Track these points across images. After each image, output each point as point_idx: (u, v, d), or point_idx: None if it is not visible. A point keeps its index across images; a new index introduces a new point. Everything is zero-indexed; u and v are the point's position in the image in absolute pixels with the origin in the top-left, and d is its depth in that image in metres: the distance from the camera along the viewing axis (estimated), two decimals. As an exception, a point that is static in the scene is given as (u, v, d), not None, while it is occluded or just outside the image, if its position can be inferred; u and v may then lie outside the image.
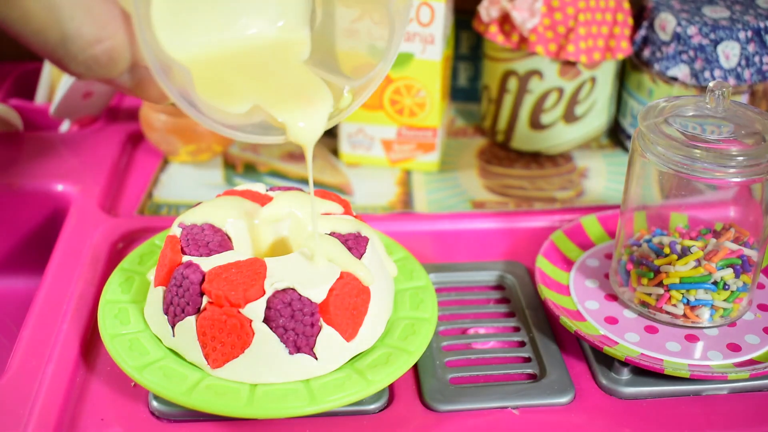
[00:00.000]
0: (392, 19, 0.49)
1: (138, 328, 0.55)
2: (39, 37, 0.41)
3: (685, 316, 0.58)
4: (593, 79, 0.79)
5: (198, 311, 0.52)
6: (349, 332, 0.53)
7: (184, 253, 0.54)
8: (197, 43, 0.48)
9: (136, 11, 0.40)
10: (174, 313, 0.53)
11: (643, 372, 0.56)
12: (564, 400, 0.55)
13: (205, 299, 0.51)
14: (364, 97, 0.51)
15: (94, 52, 0.42)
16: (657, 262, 0.59)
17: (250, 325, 0.50)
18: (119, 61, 0.42)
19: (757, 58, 0.75)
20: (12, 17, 0.40)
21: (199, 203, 0.59)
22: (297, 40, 0.52)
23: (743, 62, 0.75)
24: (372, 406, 0.54)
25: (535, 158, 0.83)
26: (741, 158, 0.54)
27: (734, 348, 0.57)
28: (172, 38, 0.46)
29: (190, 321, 0.52)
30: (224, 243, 0.55)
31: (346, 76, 0.51)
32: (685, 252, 0.58)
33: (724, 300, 0.58)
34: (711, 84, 0.57)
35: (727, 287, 0.58)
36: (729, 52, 0.75)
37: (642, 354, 0.56)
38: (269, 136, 0.49)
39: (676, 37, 0.76)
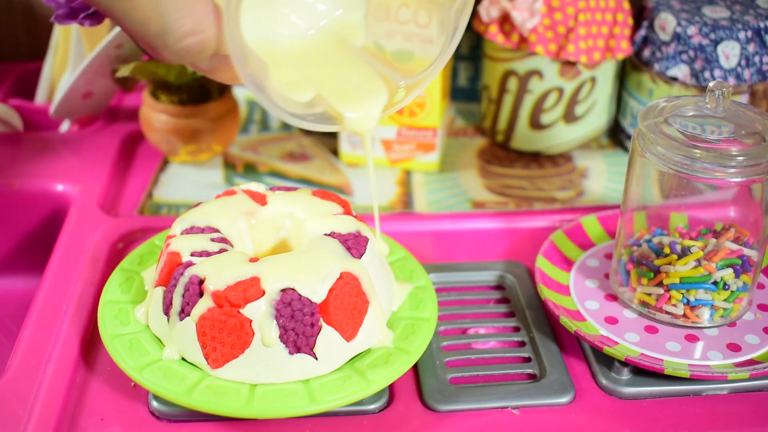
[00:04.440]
0: (453, 19, 0.53)
1: (138, 328, 0.55)
2: (141, 27, 0.44)
3: (685, 316, 0.58)
4: (593, 79, 0.79)
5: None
6: (349, 332, 0.53)
7: (184, 253, 0.54)
8: (272, 35, 0.52)
9: (227, 8, 0.44)
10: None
11: (643, 372, 0.56)
12: (564, 400, 0.55)
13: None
14: (417, 93, 0.54)
15: (189, 43, 0.45)
16: (657, 262, 0.59)
17: (250, 325, 0.50)
18: (207, 50, 0.46)
19: (757, 58, 0.75)
20: (120, 8, 0.43)
21: (199, 203, 0.59)
22: (353, 25, 0.55)
23: (743, 62, 0.75)
24: (372, 406, 0.54)
25: (535, 158, 0.83)
26: (741, 158, 0.54)
27: (734, 348, 0.57)
28: (252, 31, 0.49)
29: (190, 321, 0.52)
30: (224, 243, 0.55)
31: (400, 72, 0.55)
32: (685, 252, 0.58)
33: (724, 300, 0.58)
34: (711, 84, 0.57)
35: (727, 287, 0.58)
36: (729, 52, 0.75)
37: (642, 354, 0.56)
38: (328, 125, 0.52)
39: (676, 37, 0.76)
